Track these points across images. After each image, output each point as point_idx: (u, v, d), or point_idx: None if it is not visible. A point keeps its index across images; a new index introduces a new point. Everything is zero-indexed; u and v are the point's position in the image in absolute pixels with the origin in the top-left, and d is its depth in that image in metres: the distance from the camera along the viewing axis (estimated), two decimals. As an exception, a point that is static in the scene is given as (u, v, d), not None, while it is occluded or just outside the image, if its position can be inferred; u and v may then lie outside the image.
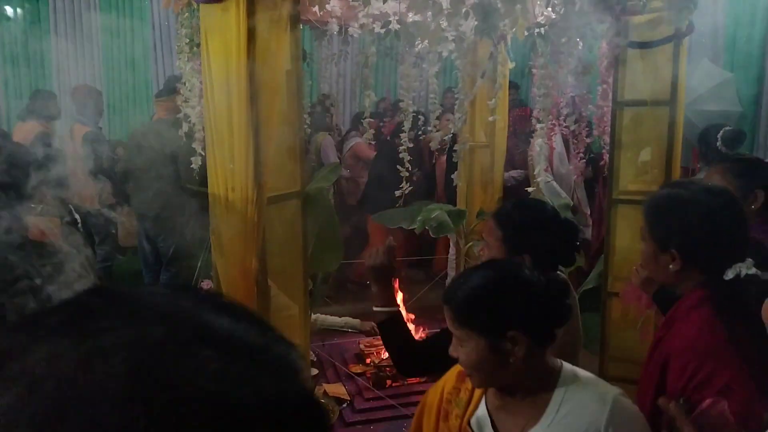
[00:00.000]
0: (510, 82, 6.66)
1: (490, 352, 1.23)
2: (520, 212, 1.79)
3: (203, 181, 2.62)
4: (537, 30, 2.34)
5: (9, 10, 6.76)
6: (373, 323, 3.53)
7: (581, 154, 3.90)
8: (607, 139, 3.07)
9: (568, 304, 1.30)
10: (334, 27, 3.62)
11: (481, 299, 1.26)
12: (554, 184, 4.16)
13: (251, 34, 2.20)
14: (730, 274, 1.35)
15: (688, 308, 1.41)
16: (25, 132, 4.77)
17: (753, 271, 1.35)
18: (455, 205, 4.49)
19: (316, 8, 2.84)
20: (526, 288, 1.26)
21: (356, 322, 3.58)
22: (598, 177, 4.75)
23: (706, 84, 5.65)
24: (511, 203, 2.00)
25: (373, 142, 3.60)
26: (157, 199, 4.18)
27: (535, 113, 3.52)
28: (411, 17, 2.52)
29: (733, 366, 1.29)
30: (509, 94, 6.63)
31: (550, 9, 2.54)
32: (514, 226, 1.75)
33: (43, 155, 3.17)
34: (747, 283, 1.35)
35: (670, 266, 1.42)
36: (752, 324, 1.31)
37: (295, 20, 2.38)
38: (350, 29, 3.62)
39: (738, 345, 1.31)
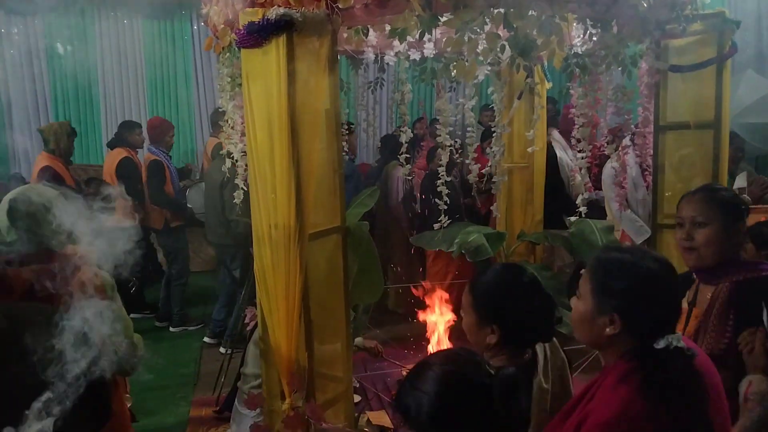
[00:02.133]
0: (547, 98, 6.64)
1: None
2: (491, 279, 1.74)
3: (247, 212, 2.71)
4: (575, 60, 2.33)
5: (60, 48, 7.08)
6: (376, 342, 3.53)
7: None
8: (649, 161, 3.01)
9: (516, 406, 1.25)
10: (370, 56, 3.67)
11: (419, 403, 1.23)
12: (631, 214, 3.94)
13: (291, 76, 2.25)
14: (661, 344, 1.34)
15: (616, 380, 1.38)
16: (112, 158, 5.20)
17: (681, 344, 1.35)
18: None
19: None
20: (467, 396, 1.22)
21: (359, 339, 3.59)
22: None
23: (752, 96, 5.50)
24: (487, 268, 1.95)
25: (410, 178, 3.62)
26: (221, 228, 4.50)
27: (573, 135, 3.49)
28: (446, 49, 2.54)
29: None
30: (547, 111, 6.61)
31: (587, 36, 2.52)
32: (483, 293, 1.70)
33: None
34: (675, 355, 1.34)
35: (607, 329, 1.40)
36: (677, 396, 1.31)
37: (333, 61, 2.43)
38: (386, 57, 3.67)
39: (657, 422, 1.30)
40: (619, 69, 2.81)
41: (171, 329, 5.39)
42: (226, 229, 4.66)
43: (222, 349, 4.80)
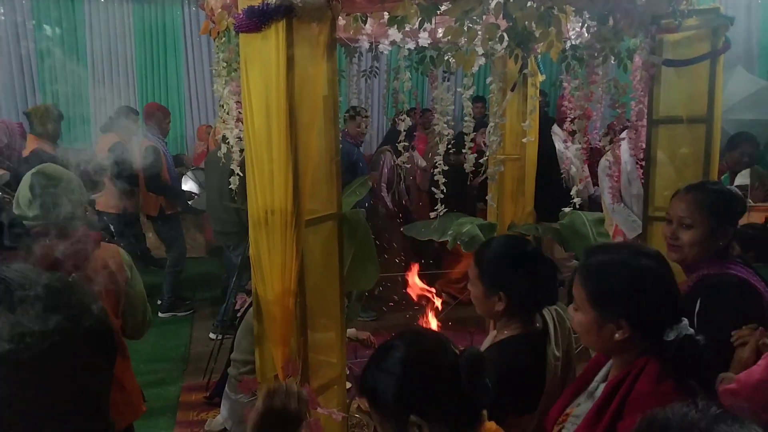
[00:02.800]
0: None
1: None
2: (494, 249, 1.81)
3: (243, 199, 2.72)
4: (571, 52, 2.34)
5: (48, 30, 6.98)
6: (369, 334, 3.55)
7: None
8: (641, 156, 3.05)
9: (482, 384, 1.25)
10: (365, 44, 3.66)
11: (385, 385, 1.24)
12: (624, 208, 3.98)
13: (290, 62, 2.25)
14: (671, 336, 1.33)
15: (652, 380, 1.34)
16: (104, 143, 5.18)
17: (690, 331, 1.34)
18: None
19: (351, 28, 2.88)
20: (432, 376, 1.22)
21: (352, 330, 3.60)
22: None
23: (740, 93, 5.57)
24: (489, 240, 2.01)
25: (407, 166, 3.63)
26: (220, 214, 4.50)
27: (565, 127, 3.52)
28: (444, 39, 2.54)
29: None
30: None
31: (584, 29, 2.54)
32: (489, 263, 1.77)
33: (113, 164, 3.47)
34: (689, 343, 1.33)
35: (616, 335, 1.37)
36: (704, 382, 1.33)
37: (332, 47, 2.43)
38: (381, 46, 3.66)
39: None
40: (613, 62, 2.85)
41: (160, 314, 5.37)
42: (229, 215, 4.65)
43: (212, 335, 4.81)
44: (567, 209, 3.18)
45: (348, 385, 3.57)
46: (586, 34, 2.63)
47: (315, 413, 2.32)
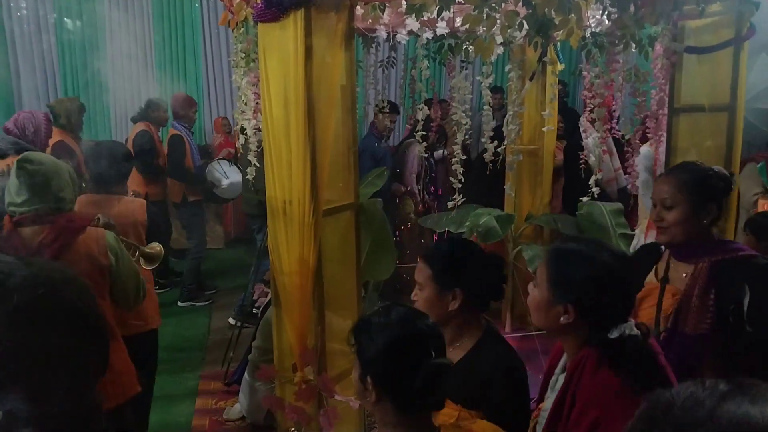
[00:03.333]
0: (558, 82, 6.59)
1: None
2: (447, 249, 1.83)
3: (260, 189, 2.75)
4: (591, 39, 2.31)
5: (69, 23, 7.06)
6: None
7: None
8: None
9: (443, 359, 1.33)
10: (383, 34, 3.65)
11: (374, 346, 1.32)
12: None
13: (308, 51, 2.25)
14: (615, 333, 1.39)
15: (592, 369, 1.41)
16: (132, 132, 5.36)
17: (635, 332, 1.39)
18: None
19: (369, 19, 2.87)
20: (411, 343, 1.31)
21: None
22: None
23: (764, 80, 5.44)
24: (438, 242, 2.05)
25: (426, 155, 3.62)
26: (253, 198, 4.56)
27: (585, 117, 3.48)
28: (463, 27, 2.52)
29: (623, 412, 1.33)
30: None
31: (604, 16, 2.51)
32: (443, 262, 1.77)
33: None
34: (630, 342, 1.39)
35: (561, 318, 1.44)
36: (646, 376, 1.35)
37: (350, 37, 2.42)
38: (398, 36, 3.65)
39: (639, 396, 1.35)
40: (634, 50, 2.81)
41: (179, 303, 5.44)
42: (256, 200, 4.68)
43: (231, 320, 4.86)
44: (585, 199, 3.15)
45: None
46: (607, 21, 2.59)
47: (332, 401, 2.34)
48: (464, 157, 2.78)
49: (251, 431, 3.47)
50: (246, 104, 3.04)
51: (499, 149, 3.22)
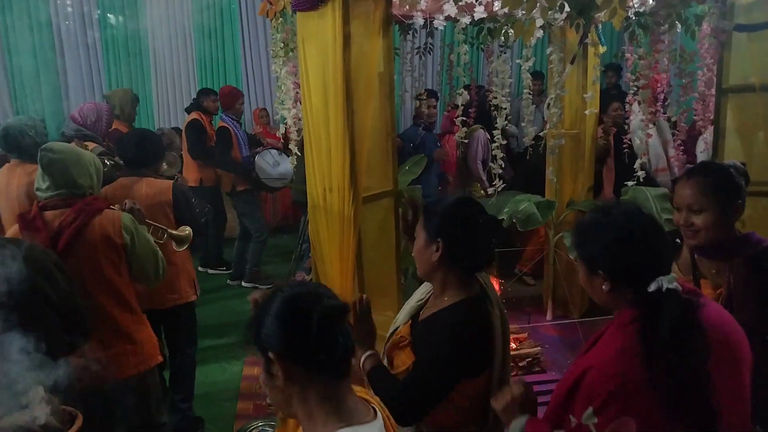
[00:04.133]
0: (612, 65, 6.42)
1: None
2: (442, 202, 1.80)
3: (301, 179, 2.81)
4: (635, 20, 2.25)
5: (112, 19, 7.25)
6: None
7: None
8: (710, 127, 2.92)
9: (342, 334, 1.25)
10: (420, 20, 3.63)
11: (267, 326, 1.26)
12: None
13: (346, 39, 2.26)
14: (652, 287, 1.38)
15: (617, 326, 1.42)
16: (186, 121, 5.55)
17: (674, 285, 1.37)
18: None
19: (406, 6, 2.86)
20: (302, 320, 1.23)
21: None
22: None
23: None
24: (443, 196, 2.00)
25: (465, 141, 3.60)
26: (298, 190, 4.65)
27: (629, 100, 3.40)
28: (501, 11, 2.49)
29: (641, 411, 1.29)
30: (610, 77, 6.38)
31: (648, -5, 2.44)
32: (431, 211, 1.76)
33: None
34: (669, 297, 1.36)
35: (603, 287, 1.45)
36: (671, 340, 1.32)
37: (387, 23, 2.42)
38: (435, 22, 3.62)
39: (653, 369, 1.31)
40: (680, 30, 2.72)
41: (243, 284, 5.59)
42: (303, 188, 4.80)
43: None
44: (630, 184, 3.08)
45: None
46: (651, 1, 2.52)
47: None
48: (504, 142, 2.74)
49: (294, 416, 3.53)
50: (285, 94, 3.07)
51: (541, 134, 3.17)
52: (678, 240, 2.00)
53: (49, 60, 7.19)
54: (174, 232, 2.77)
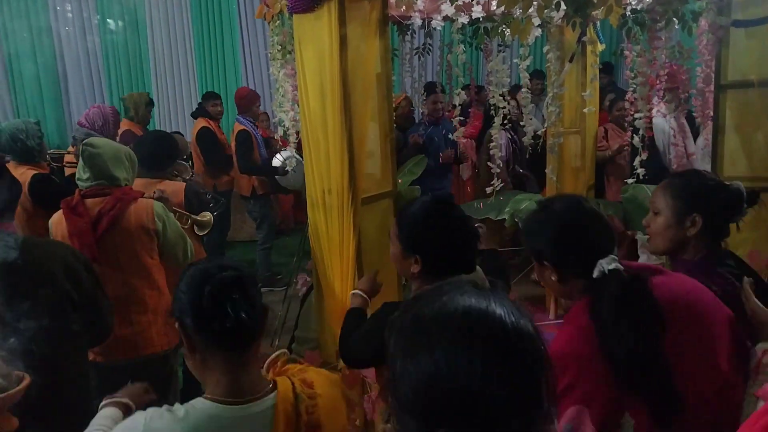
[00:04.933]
0: (605, 64, 6.41)
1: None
2: (414, 210, 1.72)
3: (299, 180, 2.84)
4: (632, 17, 2.24)
5: (111, 24, 7.27)
6: None
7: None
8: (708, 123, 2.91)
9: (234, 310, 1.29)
10: (418, 21, 3.63)
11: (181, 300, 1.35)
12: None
13: (343, 41, 2.26)
14: (595, 273, 1.39)
15: (572, 317, 1.45)
16: (194, 128, 5.58)
17: (614, 266, 1.37)
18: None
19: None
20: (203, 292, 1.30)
21: None
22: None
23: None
24: (414, 199, 2.00)
25: (465, 140, 3.59)
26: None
27: (628, 97, 3.39)
28: (499, 10, 2.49)
29: (594, 377, 1.31)
30: (601, 78, 6.37)
31: (645, -8, 2.43)
32: (407, 224, 1.70)
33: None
34: (612, 278, 1.37)
35: (552, 278, 1.48)
36: (617, 317, 1.32)
37: (384, 24, 2.42)
38: (433, 22, 3.61)
39: (609, 351, 1.32)
40: (677, 26, 2.71)
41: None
42: None
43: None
44: (630, 181, 3.07)
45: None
46: (648, -1, 2.52)
47: (375, 386, 2.36)
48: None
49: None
50: (284, 96, 3.07)
51: (538, 132, 3.17)
52: None
53: (50, 65, 7.22)
54: (197, 217, 3.04)
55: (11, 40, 7.04)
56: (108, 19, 7.30)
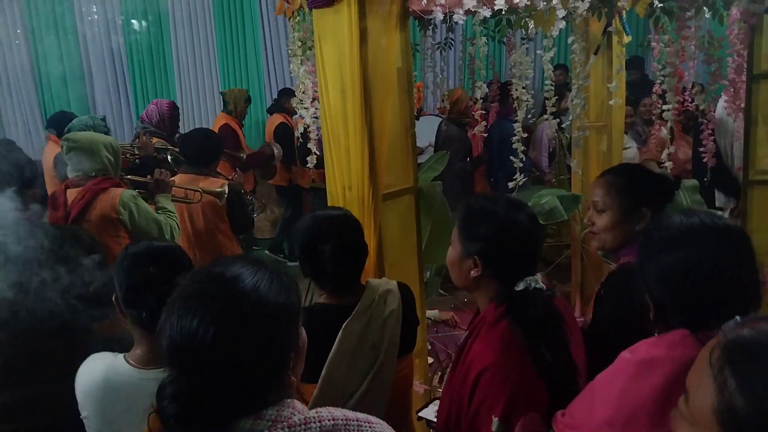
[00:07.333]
0: (634, 58, 6.28)
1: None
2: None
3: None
4: (660, 5, 2.17)
5: (135, 24, 7.36)
6: (452, 314, 3.51)
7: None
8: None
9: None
10: (439, 15, 3.58)
11: None
12: None
13: (363, 35, 2.24)
14: (520, 286, 1.44)
15: (489, 325, 1.47)
16: (271, 123, 5.91)
17: (540, 285, 1.45)
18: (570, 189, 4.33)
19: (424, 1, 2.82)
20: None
21: (434, 312, 3.51)
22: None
23: None
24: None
25: (486, 135, 3.55)
26: None
27: (655, 89, 3.31)
28: (522, 2, 2.43)
29: (529, 380, 1.39)
30: (632, 73, 6.25)
31: (674, -20, 2.35)
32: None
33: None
34: (535, 296, 1.44)
35: (471, 272, 1.50)
36: (541, 333, 1.41)
37: (404, 17, 2.39)
38: (455, 16, 3.56)
39: (536, 357, 1.40)
40: (707, 15, 2.62)
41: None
42: None
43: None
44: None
45: (429, 360, 3.59)
46: (677, -14, 2.44)
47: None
48: (525, 135, 2.69)
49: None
50: (304, 93, 3.05)
51: (563, 125, 3.11)
52: None
53: (75, 65, 7.33)
54: (208, 188, 3.07)
55: (39, 41, 7.17)
56: (132, 20, 7.39)
